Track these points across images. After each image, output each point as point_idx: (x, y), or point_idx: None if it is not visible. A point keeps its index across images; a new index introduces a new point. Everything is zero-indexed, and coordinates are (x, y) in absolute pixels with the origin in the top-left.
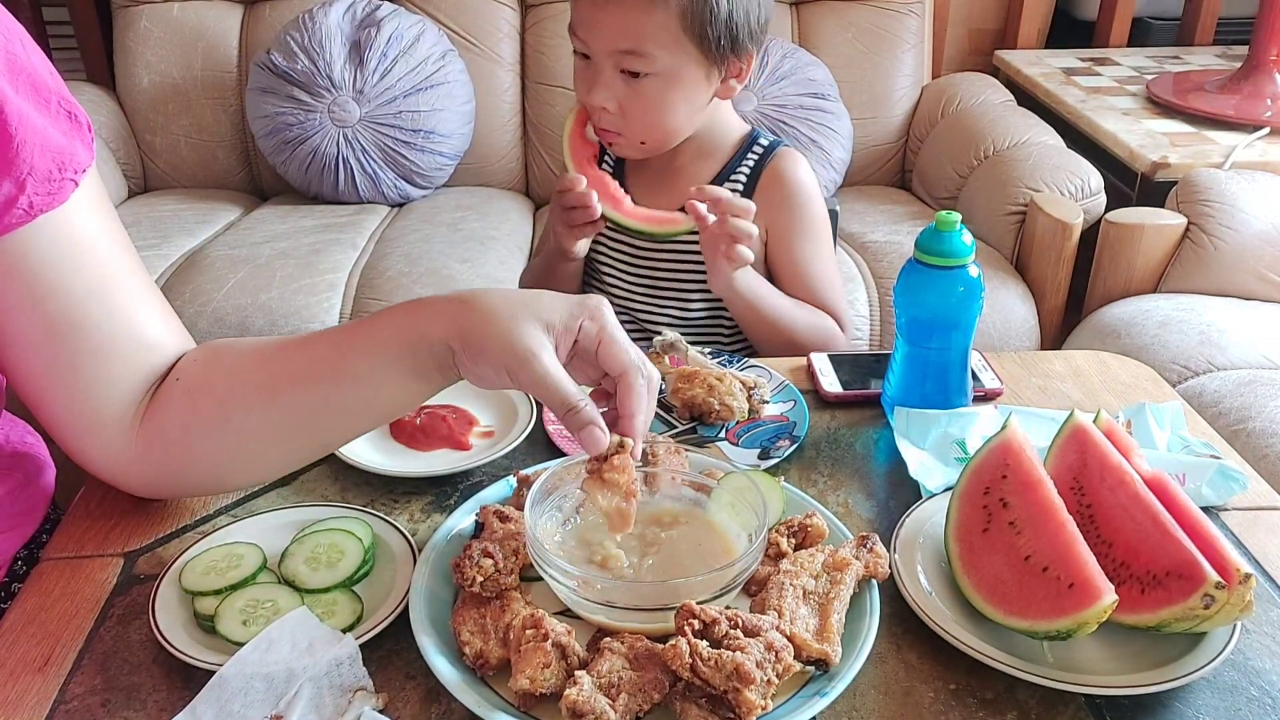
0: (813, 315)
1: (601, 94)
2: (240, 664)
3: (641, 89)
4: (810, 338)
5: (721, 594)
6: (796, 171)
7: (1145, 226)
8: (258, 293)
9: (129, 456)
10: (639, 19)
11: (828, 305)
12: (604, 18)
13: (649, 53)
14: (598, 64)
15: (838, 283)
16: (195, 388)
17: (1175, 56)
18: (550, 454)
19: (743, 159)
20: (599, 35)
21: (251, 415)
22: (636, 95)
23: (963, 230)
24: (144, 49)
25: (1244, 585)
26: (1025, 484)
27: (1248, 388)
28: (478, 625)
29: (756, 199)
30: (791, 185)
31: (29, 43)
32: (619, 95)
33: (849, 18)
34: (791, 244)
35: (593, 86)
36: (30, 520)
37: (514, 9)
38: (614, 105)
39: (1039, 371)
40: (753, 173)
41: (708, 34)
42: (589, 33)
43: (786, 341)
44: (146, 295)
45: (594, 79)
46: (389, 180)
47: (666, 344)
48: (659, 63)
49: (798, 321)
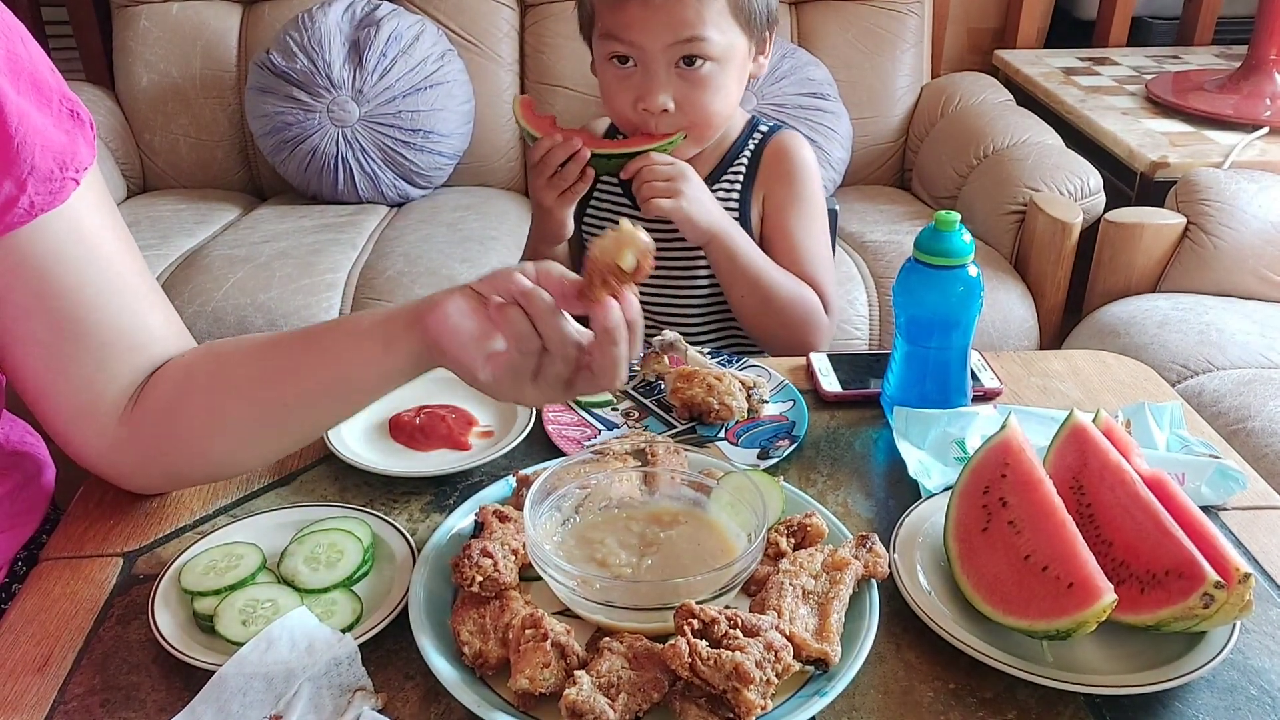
0: (797, 285)
1: (660, 96)
2: (239, 664)
3: (699, 78)
4: (790, 304)
5: (721, 594)
6: (798, 148)
7: (1145, 226)
8: (257, 293)
9: (118, 441)
10: (695, 6)
11: (816, 281)
12: (658, 15)
13: (707, 36)
14: (650, 65)
15: (828, 263)
16: (183, 368)
17: (1175, 56)
18: (550, 454)
19: (745, 144)
20: (655, 32)
21: (235, 393)
22: (695, 85)
23: (962, 230)
24: (143, 48)
25: (1243, 585)
26: (1025, 483)
27: (1247, 387)
28: (477, 625)
29: (758, 175)
30: (792, 159)
31: (30, 41)
32: (677, 92)
33: (849, 17)
34: (786, 215)
35: (647, 91)
36: (30, 520)
37: (514, 9)
38: (673, 104)
39: (1038, 371)
40: (754, 155)
41: (753, 10)
42: (642, 33)
43: (764, 302)
44: (149, 293)
45: (648, 83)
46: (388, 180)
47: (666, 344)
48: (716, 46)
49: (779, 286)
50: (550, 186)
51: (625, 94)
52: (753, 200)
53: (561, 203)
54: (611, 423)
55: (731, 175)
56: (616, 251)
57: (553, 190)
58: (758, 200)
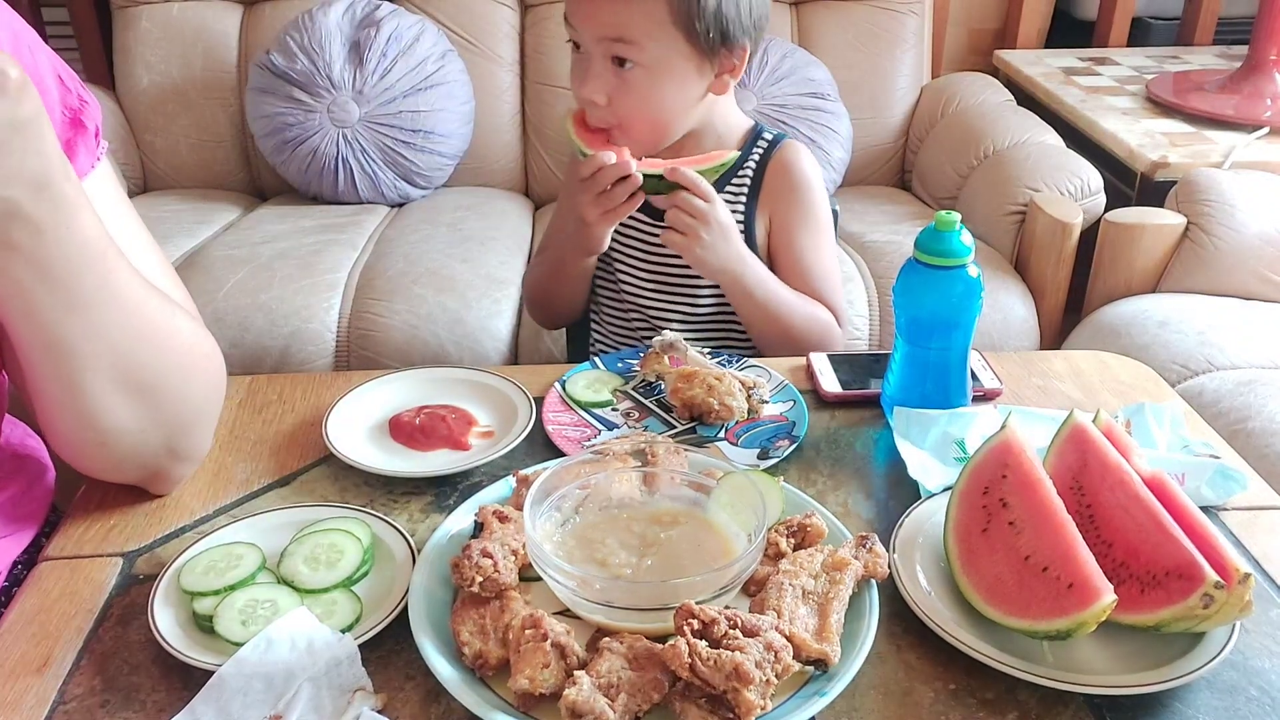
0: (810, 306)
1: (591, 85)
2: (239, 664)
3: (630, 80)
4: (806, 328)
5: (721, 594)
6: (801, 163)
7: (1145, 226)
8: (257, 293)
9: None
10: (627, 7)
11: (826, 298)
12: (594, 7)
13: (637, 41)
14: (589, 54)
15: (837, 278)
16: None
17: (1175, 56)
18: (550, 454)
19: (748, 154)
20: (589, 23)
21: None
22: (626, 86)
23: (962, 230)
24: (144, 49)
25: (1243, 585)
26: (1025, 484)
27: (1247, 387)
28: (477, 625)
29: (763, 190)
30: (796, 176)
31: (40, 48)
32: (608, 87)
33: (849, 18)
34: (793, 234)
35: (583, 80)
36: (32, 523)
37: (514, 9)
38: (603, 98)
39: (1038, 371)
40: (758, 166)
41: (695, 26)
42: (580, 20)
43: (782, 332)
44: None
45: (584, 71)
46: (388, 180)
47: (666, 344)
48: (647, 53)
49: (794, 311)
50: (596, 204)
51: (575, 78)
52: (758, 216)
53: (605, 220)
54: (611, 423)
55: (734, 188)
56: None
57: (598, 208)
58: (763, 216)
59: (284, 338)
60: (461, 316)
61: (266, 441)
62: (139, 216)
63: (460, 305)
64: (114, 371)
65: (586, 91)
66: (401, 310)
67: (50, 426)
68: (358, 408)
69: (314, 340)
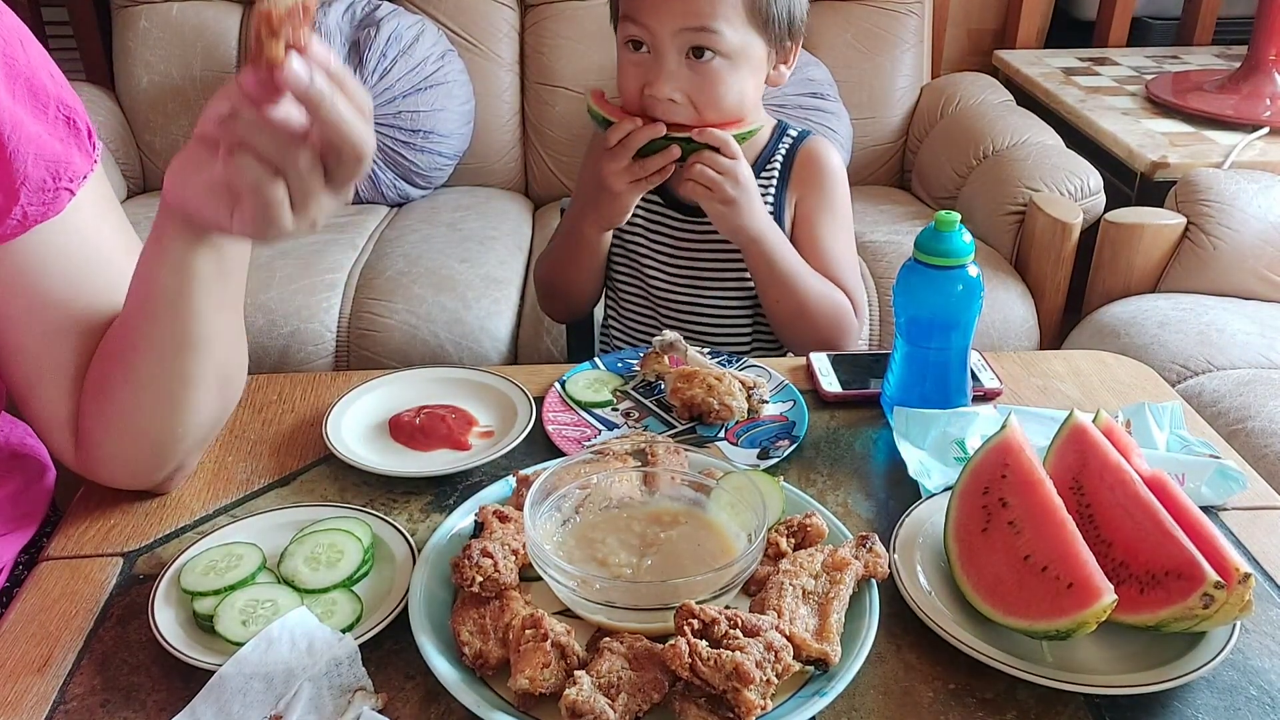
0: (827, 287)
1: (667, 85)
2: (239, 664)
3: (709, 71)
4: (821, 306)
5: (721, 594)
6: (829, 155)
7: (1144, 226)
8: (257, 293)
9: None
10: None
11: (845, 285)
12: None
13: (718, 29)
14: (660, 52)
15: (856, 267)
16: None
17: (1174, 56)
18: (550, 454)
19: (775, 148)
20: (667, 17)
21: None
22: (704, 79)
23: (962, 230)
24: (143, 49)
25: (1243, 585)
26: (1025, 484)
27: (1247, 387)
28: (477, 625)
29: (792, 178)
30: (824, 166)
31: (31, 45)
32: (685, 84)
33: (849, 18)
34: (816, 221)
35: (656, 78)
36: (31, 521)
37: (514, 9)
38: (681, 95)
39: (1038, 371)
40: (786, 159)
41: (771, 14)
42: (653, 15)
43: (798, 306)
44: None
45: (656, 70)
46: (388, 180)
47: (666, 344)
48: (727, 41)
49: (811, 288)
50: (628, 172)
51: (635, 79)
52: (786, 204)
53: (633, 190)
54: (611, 423)
55: (765, 178)
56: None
57: (629, 175)
58: (790, 204)
59: (284, 337)
60: (461, 316)
61: (266, 441)
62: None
63: (460, 305)
64: (216, 364)
65: (663, 89)
66: (401, 310)
67: (119, 424)
68: (358, 407)
69: (314, 340)
